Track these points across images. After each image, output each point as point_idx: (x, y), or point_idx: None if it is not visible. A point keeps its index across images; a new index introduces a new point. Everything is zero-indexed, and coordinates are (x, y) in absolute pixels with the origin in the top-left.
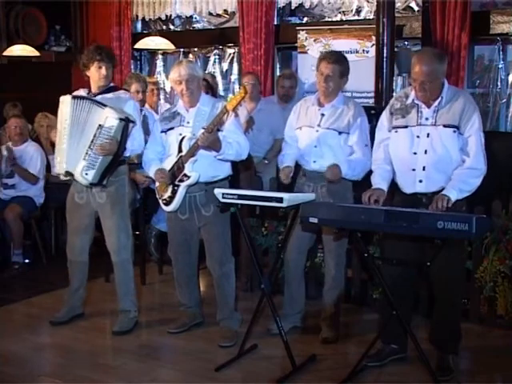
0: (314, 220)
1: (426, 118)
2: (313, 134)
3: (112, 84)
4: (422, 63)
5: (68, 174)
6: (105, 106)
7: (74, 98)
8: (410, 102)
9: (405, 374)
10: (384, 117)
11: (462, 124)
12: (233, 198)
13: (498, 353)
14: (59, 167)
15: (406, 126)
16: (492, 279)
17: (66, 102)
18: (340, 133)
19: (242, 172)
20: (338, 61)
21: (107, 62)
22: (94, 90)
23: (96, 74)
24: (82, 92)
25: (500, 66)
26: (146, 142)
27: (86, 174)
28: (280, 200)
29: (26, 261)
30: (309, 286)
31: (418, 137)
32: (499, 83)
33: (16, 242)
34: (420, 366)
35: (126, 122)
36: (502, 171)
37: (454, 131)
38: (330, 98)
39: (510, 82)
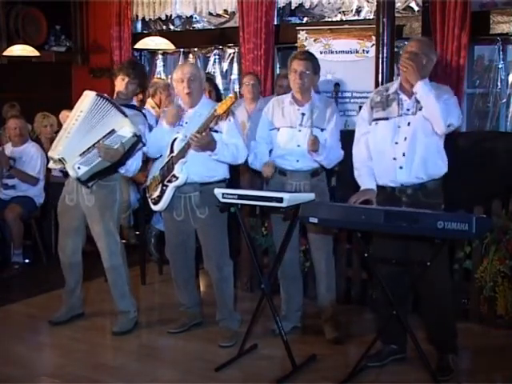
0: (314, 220)
1: (408, 109)
2: (295, 133)
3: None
4: (417, 41)
5: (60, 161)
6: (126, 116)
7: (98, 95)
8: (392, 92)
9: (405, 374)
10: (365, 111)
11: None
12: (233, 198)
13: (498, 353)
14: (54, 151)
15: (386, 118)
16: (492, 279)
17: (88, 96)
18: (322, 129)
19: (243, 173)
20: (309, 58)
21: (132, 77)
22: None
23: (117, 83)
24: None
25: (500, 66)
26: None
27: (79, 168)
28: (280, 200)
29: (26, 261)
30: (309, 286)
31: (399, 127)
32: (499, 83)
33: (16, 242)
34: (420, 365)
35: (139, 139)
36: (502, 171)
37: None
38: (306, 95)
39: (510, 82)
